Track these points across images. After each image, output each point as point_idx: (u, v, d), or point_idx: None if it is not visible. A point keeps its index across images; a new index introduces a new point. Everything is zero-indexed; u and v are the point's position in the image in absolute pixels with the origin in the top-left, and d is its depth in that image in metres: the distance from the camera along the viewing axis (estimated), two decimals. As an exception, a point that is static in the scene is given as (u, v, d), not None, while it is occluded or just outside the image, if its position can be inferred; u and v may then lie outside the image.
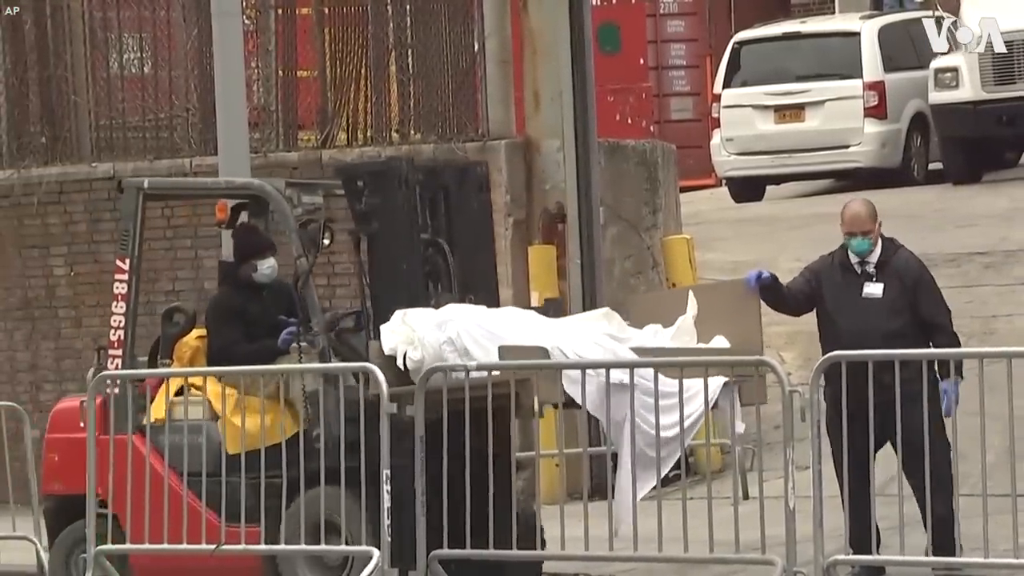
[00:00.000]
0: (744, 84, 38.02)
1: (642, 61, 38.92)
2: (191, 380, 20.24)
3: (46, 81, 29.19)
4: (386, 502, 18.99)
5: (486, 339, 18.91)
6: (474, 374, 18.83)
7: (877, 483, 18.16)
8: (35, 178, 28.80)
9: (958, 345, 18.46)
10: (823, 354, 18.42)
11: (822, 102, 36.71)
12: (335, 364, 21.31)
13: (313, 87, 28.49)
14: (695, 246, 25.57)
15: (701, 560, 18.73)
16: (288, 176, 26.84)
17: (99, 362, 21.00)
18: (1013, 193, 27.19)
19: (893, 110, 36.99)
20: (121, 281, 20.93)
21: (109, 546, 20.15)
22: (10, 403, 23.99)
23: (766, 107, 36.83)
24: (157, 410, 20.28)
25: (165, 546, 20.31)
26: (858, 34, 38.24)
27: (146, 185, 21.64)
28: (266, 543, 19.67)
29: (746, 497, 18.97)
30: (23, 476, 22.80)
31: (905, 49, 37.76)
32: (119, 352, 20.67)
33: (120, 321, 20.82)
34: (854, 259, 19.01)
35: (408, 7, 27.74)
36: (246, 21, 26.12)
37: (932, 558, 18.09)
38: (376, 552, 19.03)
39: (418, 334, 19.02)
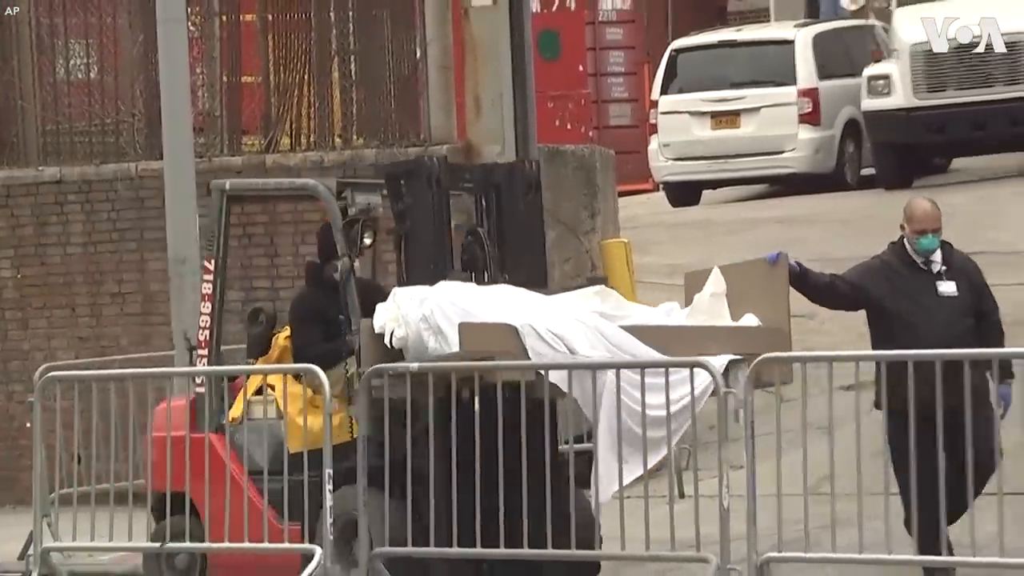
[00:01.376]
0: (681, 91, 38.13)
1: (581, 68, 39.09)
2: (269, 380, 20.21)
3: None
4: (328, 500, 18.95)
5: (458, 316, 18.63)
6: (437, 347, 18.72)
7: (810, 482, 17.66)
8: None
9: (1004, 344, 18.13)
10: (877, 347, 18.42)
11: (757, 109, 36.82)
12: (279, 366, 21.43)
13: (257, 93, 28.52)
14: (632, 249, 25.62)
15: (637, 558, 18.74)
16: (234, 177, 27.07)
17: (191, 360, 21.02)
18: (943, 198, 27.24)
19: (827, 117, 37.14)
20: (208, 281, 20.97)
21: (53, 544, 20.33)
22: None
23: (702, 113, 36.98)
24: (235, 409, 20.33)
25: (106, 544, 20.65)
26: (792, 42, 38.34)
27: (228, 187, 21.58)
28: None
29: (682, 496, 19.09)
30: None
31: (839, 57, 37.93)
32: (205, 352, 20.70)
33: (207, 321, 20.78)
34: (918, 259, 18.63)
35: (351, 14, 27.81)
36: (191, 27, 26.18)
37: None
38: (318, 550, 18.99)
39: (402, 311, 18.84)
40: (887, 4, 37.55)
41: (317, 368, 19.61)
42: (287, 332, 20.49)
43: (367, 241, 20.04)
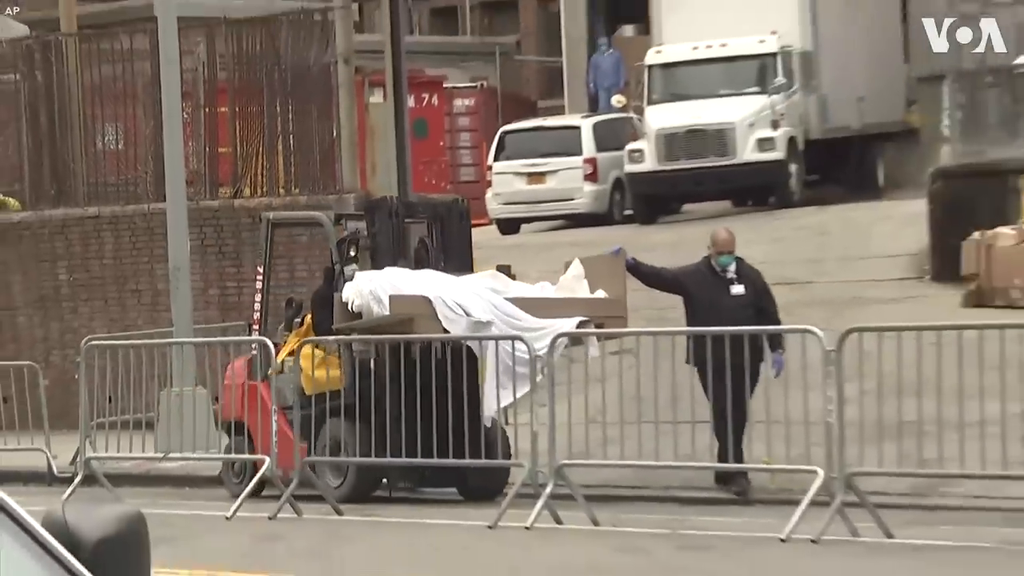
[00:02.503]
0: (507, 159, 37.87)
1: (441, 143, 39.55)
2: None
3: (55, 154, 28.91)
4: (274, 426, 18.62)
5: (391, 290, 18.44)
6: (378, 311, 18.49)
7: (590, 414, 17.65)
8: (46, 217, 28.07)
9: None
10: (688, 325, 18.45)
11: (557, 171, 36.58)
12: (234, 337, 21.61)
13: (228, 159, 27.55)
14: (477, 263, 25.53)
15: (473, 464, 17.99)
16: (215, 217, 27.16)
17: (249, 332, 20.89)
18: (678, 230, 27.32)
19: (602, 176, 36.94)
20: (258, 280, 20.86)
21: (92, 454, 20.07)
22: (29, 362, 24.12)
23: (521, 174, 36.94)
24: (276, 365, 19.72)
25: (127, 455, 20.72)
26: (579, 128, 38.43)
27: (272, 217, 21.75)
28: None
29: (507, 423, 18.74)
30: (39, 412, 22.75)
31: (610, 137, 37.69)
32: (257, 327, 20.46)
33: (259, 306, 20.61)
34: (719, 269, 18.77)
35: (290, 107, 27.61)
36: (185, 116, 26.00)
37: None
38: (267, 459, 18.54)
39: (359, 288, 18.65)
40: (640, 103, 37.71)
41: (266, 341, 19.68)
42: (310, 314, 19.93)
43: (352, 253, 19.48)
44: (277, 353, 19.76)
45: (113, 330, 25.46)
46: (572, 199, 36.37)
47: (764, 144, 35.52)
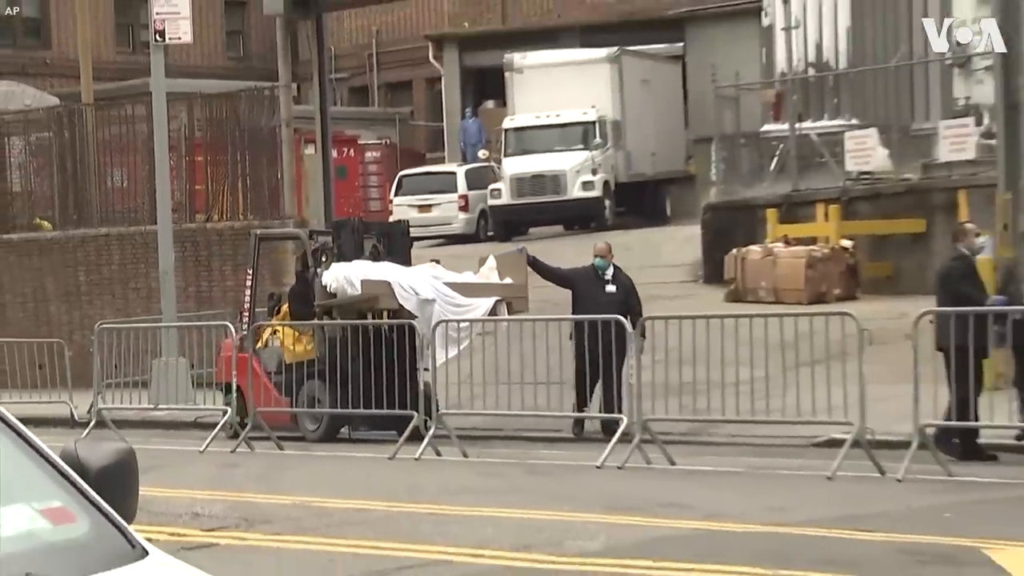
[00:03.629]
0: (404, 195, 38.04)
1: (356, 183, 39.37)
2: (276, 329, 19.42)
3: (77, 190, 28.82)
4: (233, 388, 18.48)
5: (360, 277, 18.12)
6: (351, 292, 18.05)
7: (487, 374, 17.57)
8: (70, 235, 27.96)
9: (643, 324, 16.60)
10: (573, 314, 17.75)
11: (439, 203, 36.91)
12: (206, 322, 21.31)
13: (202, 194, 27.96)
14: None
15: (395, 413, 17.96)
16: (192, 235, 26.99)
17: (240, 318, 20.14)
18: (530, 246, 27.63)
19: (472, 207, 37.21)
20: (247, 280, 20.27)
21: (103, 406, 19.81)
22: (57, 339, 23.90)
23: (413, 205, 37.08)
24: (260, 342, 19.47)
25: (129, 406, 20.35)
26: (455, 173, 38.65)
27: (259, 232, 21.21)
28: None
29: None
30: (64, 376, 22.44)
31: (477, 180, 37.75)
32: (247, 315, 19.81)
33: (247, 301, 20.03)
34: (598, 272, 18.22)
35: (247, 157, 27.52)
36: (172, 162, 25.93)
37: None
38: (229, 410, 18.37)
39: (334, 275, 18.22)
40: (499, 156, 37.86)
41: (228, 324, 19.52)
42: (286, 304, 19.44)
43: (324, 260, 18.81)
44: (259, 333, 19.48)
45: (119, 317, 25.33)
46: (450, 224, 36.53)
47: (586, 185, 35.88)
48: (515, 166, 36.11)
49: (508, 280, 18.78)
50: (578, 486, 13.73)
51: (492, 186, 36.55)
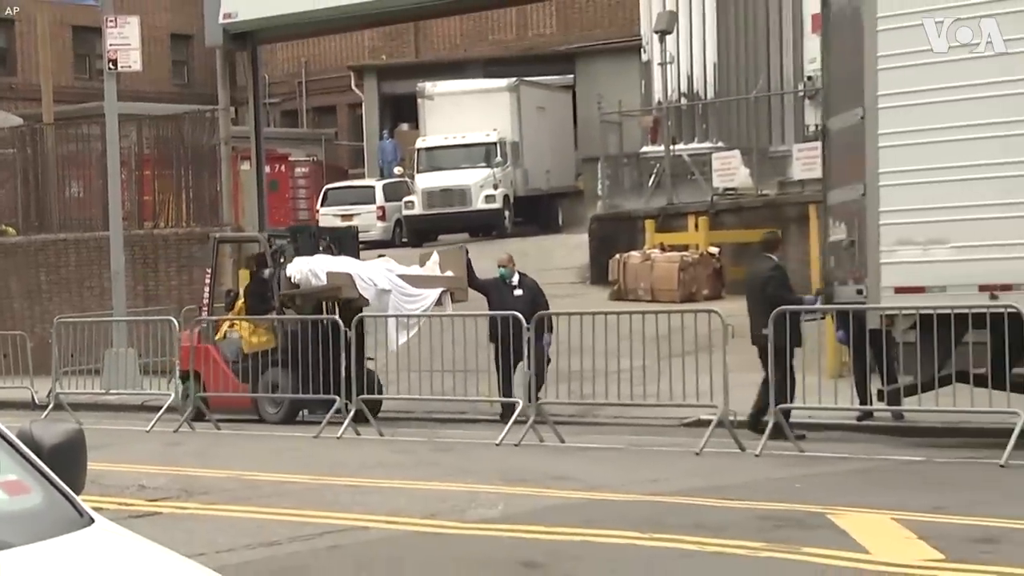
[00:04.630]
0: (329, 206, 37.93)
1: (287, 195, 39.07)
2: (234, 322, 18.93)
3: (39, 200, 28.33)
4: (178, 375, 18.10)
5: (324, 269, 17.85)
6: (316, 283, 17.76)
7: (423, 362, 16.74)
8: (33, 240, 27.41)
9: (551, 319, 16.60)
10: (489, 319, 17.16)
11: (360, 213, 36.72)
12: (152, 317, 20.98)
13: (149, 204, 27.69)
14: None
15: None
16: (141, 240, 26.65)
17: (199, 313, 19.71)
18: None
19: (388, 217, 37.22)
20: (207, 278, 19.70)
21: (60, 391, 19.54)
22: (20, 332, 23.42)
23: (337, 215, 36.90)
24: (220, 334, 18.93)
25: (84, 390, 20.02)
26: (374, 187, 38.52)
27: (218, 236, 20.83)
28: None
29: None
30: (26, 364, 21.90)
31: (393, 193, 37.89)
32: (206, 309, 19.43)
33: (206, 297, 19.53)
34: (504, 280, 18.09)
35: (190, 172, 27.31)
36: (123, 176, 25.65)
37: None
38: (173, 395, 17.99)
39: (298, 267, 17.96)
40: (412, 172, 37.82)
41: (173, 319, 19.17)
42: (242, 300, 19.08)
43: (282, 260, 18.57)
44: (218, 326, 19.04)
45: (75, 312, 24.95)
46: (369, 232, 36.31)
47: (489, 199, 35.85)
48: (426, 181, 36.09)
49: (449, 273, 18.58)
50: (479, 461, 13.71)
51: (406, 199, 36.51)
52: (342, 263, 18.55)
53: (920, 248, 13.62)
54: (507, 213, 36.08)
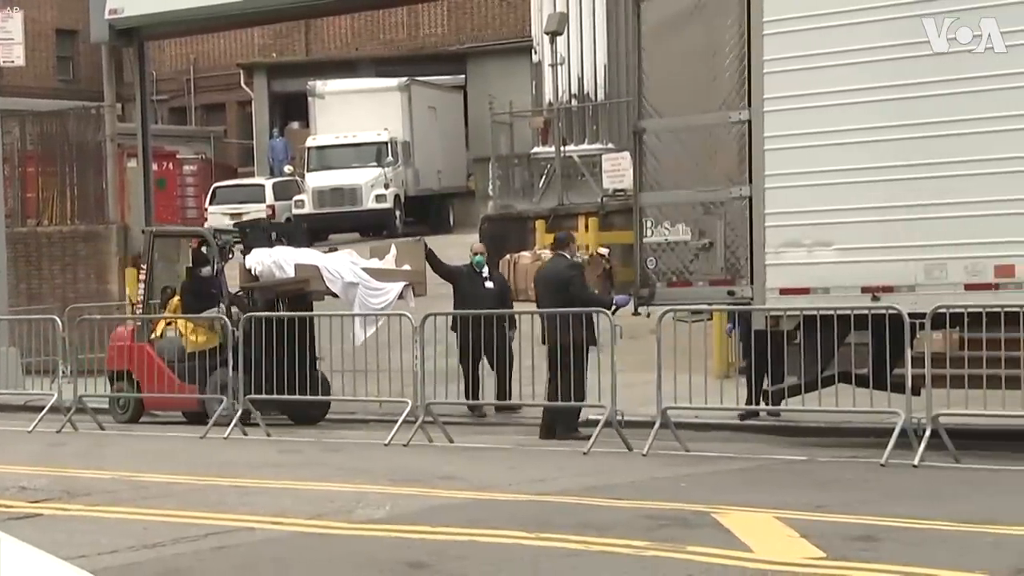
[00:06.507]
0: (218, 204, 37.59)
1: (175, 193, 38.67)
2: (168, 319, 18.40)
3: None
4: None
5: (291, 260, 17.65)
6: (280, 275, 17.57)
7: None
8: None
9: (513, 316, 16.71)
10: (455, 307, 17.32)
11: (250, 212, 36.17)
12: (34, 316, 20.66)
13: (33, 201, 27.60)
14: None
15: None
16: (24, 238, 26.27)
17: (134, 311, 19.34)
18: (338, 244, 27.43)
19: (279, 216, 36.36)
20: (141, 274, 19.16)
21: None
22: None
23: (226, 213, 36.61)
24: (157, 332, 18.30)
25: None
26: (264, 185, 38.26)
27: (154, 230, 20.22)
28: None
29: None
30: None
31: (283, 192, 37.61)
32: (140, 305, 18.95)
33: (142, 293, 18.89)
34: (476, 268, 18.11)
35: (74, 167, 27.09)
36: (5, 173, 25.31)
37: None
38: (56, 395, 17.65)
39: (258, 258, 17.67)
40: (303, 171, 37.61)
41: (56, 319, 18.90)
42: (178, 298, 18.46)
43: (230, 255, 18.46)
44: (154, 324, 18.53)
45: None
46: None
47: (379, 198, 35.79)
48: (317, 180, 35.94)
49: (407, 267, 18.43)
50: (367, 461, 13.67)
51: (296, 197, 36.34)
52: (307, 255, 18.27)
53: (805, 250, 13.82)
54: (398, 213, 36.04)
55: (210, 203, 37.79)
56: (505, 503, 10.40)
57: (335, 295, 17.80)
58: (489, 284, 18.11)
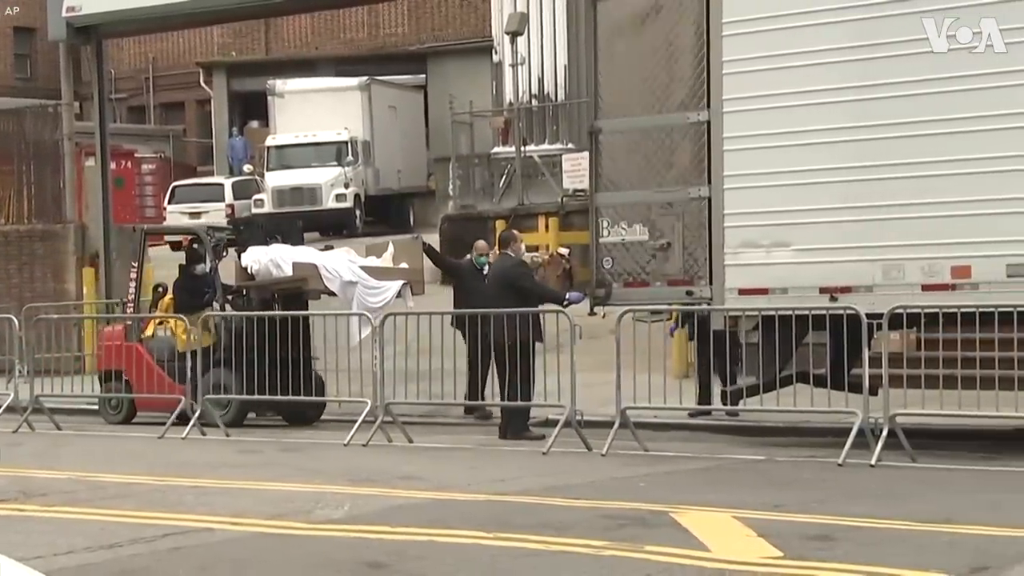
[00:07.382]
0: (177, 203, 37.38)
1: (133, 192, 38.51)
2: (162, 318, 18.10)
3: None
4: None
5: (289, 259, 17.43)
6: (277, 274, 17.32)
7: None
8: None
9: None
10: (455, 306, 17.11)
11: (208, 211, 36.17)
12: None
13: None
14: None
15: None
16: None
17: (124, 310, 19.01)
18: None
19: (238, 215, 36.78)
20: (133, 273, 18.83)
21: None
22: None
23: (185, 213, 36.46)
24: (148, 331, 18.07)
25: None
26: (223, 184, 38.13)
27: (146, 228, 20.14)
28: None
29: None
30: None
31: (243, 191, 37.44)
32: (131, 305, 18.57)
33: (132, 292, 18.61)
34: (477, 266, 17.68)
35: (32, 167, 26.92)
36: None
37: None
38: (12, 394, 17.55)
39: (255, 257, 17.48)
40: (262, 170, 37.49)
41: (13, 318, 18.79)
42: (171, 296, 18.26)
43: (225, 255, 18.30)
44: (145, 324, 18.26)
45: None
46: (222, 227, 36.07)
47: (339, 198, 35.71)
48: (276, 179, 35.82)
49: (404, 265, 18.28)
50: (327, 461, 13.65)
51: (256, 197, 36.18)
52: (304, 253, 18.10)
53: (764, 251, 13.89)
54: (358, 212, 35.96)
55: (169, 202, 37.61)
56: (464, 503, 10.39)
57: (333, 294, 17.69)
58: (489, 281, 18.10)
